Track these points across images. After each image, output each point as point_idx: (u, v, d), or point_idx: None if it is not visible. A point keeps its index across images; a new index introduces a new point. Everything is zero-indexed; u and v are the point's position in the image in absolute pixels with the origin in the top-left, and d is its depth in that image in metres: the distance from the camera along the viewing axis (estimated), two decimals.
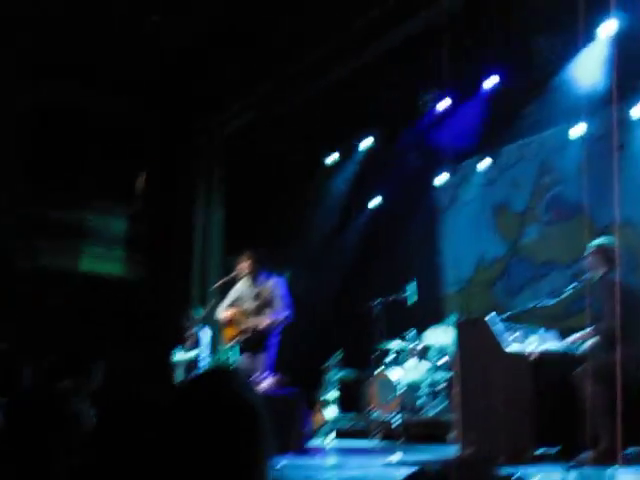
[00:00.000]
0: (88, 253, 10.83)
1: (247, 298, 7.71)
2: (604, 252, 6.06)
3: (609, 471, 2.95)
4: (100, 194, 10.97)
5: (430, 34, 8.53)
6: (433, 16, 8.49)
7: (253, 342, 7.52)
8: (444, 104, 10.13)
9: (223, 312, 7.79)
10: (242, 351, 7.62)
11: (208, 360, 9.29)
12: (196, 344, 9.26)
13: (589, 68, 8.99)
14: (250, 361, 7.49)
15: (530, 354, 5.80)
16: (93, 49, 9.59)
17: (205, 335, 9.39)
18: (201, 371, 7.55)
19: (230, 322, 7.70)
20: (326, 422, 9.29)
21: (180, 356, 9.07)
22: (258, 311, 7.57)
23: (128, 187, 11.49)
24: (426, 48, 8.92)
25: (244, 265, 7.79)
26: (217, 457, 1.56)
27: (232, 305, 7.77)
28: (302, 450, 7.06)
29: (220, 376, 1.76)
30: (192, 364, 9.01)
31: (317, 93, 10.03)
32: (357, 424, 9.77)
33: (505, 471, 1.13)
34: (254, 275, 7.74)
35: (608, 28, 8.29)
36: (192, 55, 9.84)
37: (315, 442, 8.85)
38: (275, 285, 7.67)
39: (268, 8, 8.84)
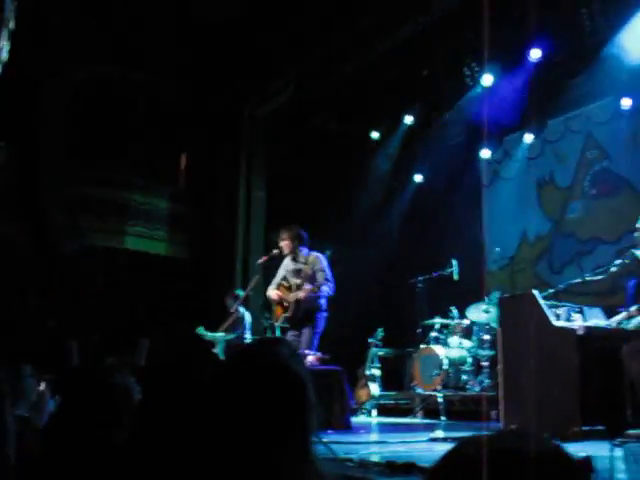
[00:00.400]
0: (132, 232, 10.96)
1: (290, 275, 7.73)
2: None
3: None
4: (144, 174, 11.08)
5: (472, 7, 8.38)
6: None
7: (297, 317, 7.53)
8: (488, 78, 9.98)
9: (272, 291, 7.81)
10: (289, 327, 7.65)
11: (250, 339, 9.35)
12: (239, 323, 9.32)
13: (636, 39, 8.79)
14: (296, 337, 7.51)
15: (578, 328, 5.72)
16: (140, 31, 9.66)
17: (248, 315, 9.44)
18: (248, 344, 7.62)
19: (278, 300, 7.74)
20: (369, 398, 9.33)
21: (217, 335, 9.12)
22: (300, 287, 7.57)
23: (171, 167, 11.59)
24: (470, 20, 8.79)
25: (285, 243, 7.81)
26: (264, 427, 1.56)
27: (280, 284, 7.80)
28: (345, 426, 7.08)
29: (268, 347, 1.76)
30: (234, 343, 9.06)
31: (359, 69, 9.95)
32: (400, 401, 9.78)
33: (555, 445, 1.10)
34: (294, 252, 7.76)
35: None
36: (232, 35, 9.84)
37: (358, 418, 8.90)
38: (315, 260, 7.66)
39: None
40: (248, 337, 9.39)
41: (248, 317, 9.43)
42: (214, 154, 11.42)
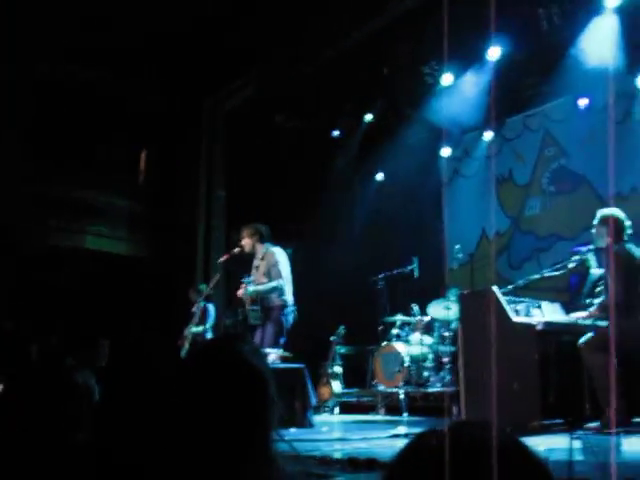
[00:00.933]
0: (93, 232, 10.83)
1: (254, 271, 7.74)
2: (610, 222, 6.01)
3: (614, 438, 2.96)
4: (104, 173, 10.95)
5: (431, 7, 8.43)
6: None
7: (257, 314, 7.51)
8: (448, 76, 10.05)
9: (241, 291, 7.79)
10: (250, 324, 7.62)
11: (213, 334, 9.33)
12: (204, 319, 9.30)
13: (595, 39, 8.92)
14: (258, 334, 7.49)
15: (537, 323, 5.79)
16: (99, 29, 9.53)
17: (212, 310, 9.43)
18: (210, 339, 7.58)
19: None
20: (331, 396, 9.35)
21: (188, 330, 9.09)
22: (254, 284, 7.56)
23: (131, 166, 11.48)
24: (429, 19, 8.84)
25: (245, 242, 7.80)
26: (225, 423, 1.55)
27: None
28: (307, 424, 7.08)
29: (229, 343, 1.75)
30: (199, 338, 9.04)
31: (320, 67, 9.95)
32: (362, 398, 9.81)
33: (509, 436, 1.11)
34: (253, 249, 7.76)
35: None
36: (193, 30, 9.76)
37: (320, 416, 8.90)
38: (270, 255, 7.64)
39: None
40: (210, 332, 9.37)
41: (212, 311, 9.43)
42: (175, 153, 11.34)
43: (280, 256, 7.65)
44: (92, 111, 10.54)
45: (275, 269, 7.52)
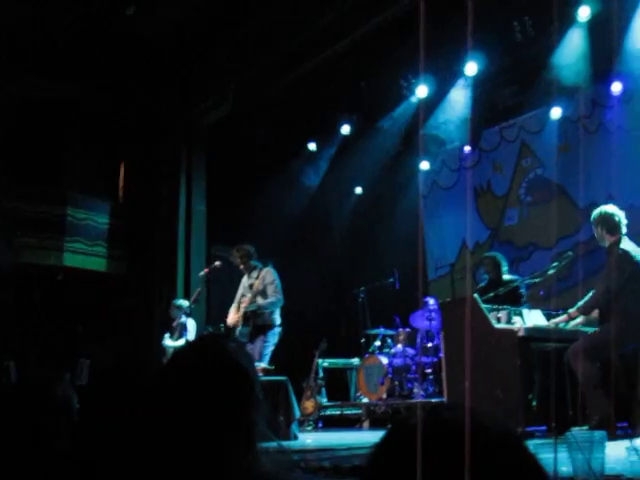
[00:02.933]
0: (71, 249, 10.73)
1: (247, 291, 7.90)
2: (602, 221, 5.92)
3: (598, 438, 2.97)
4: (82, 189, 10.89)
5: (407, 20, 8.50)
6: (409, 2, 8.46)
7: (245, 332, 7.62)
8: (424, 89, 10.12)
9: (230, 317, 7.97)
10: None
11: None
12: (183, 333, 9.24)
13: (568, 50, 9.04)
14: (250, 349, 7.55)
15: (518, 330, 5.81)
16: (72, 42, 9.50)
17: (191, 325, 9.37)
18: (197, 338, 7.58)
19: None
20: (315, 410, 9.31)
21: (168, 343, 9.04)
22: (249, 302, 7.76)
23: (110, 182, 11.42)
24: (406, 33, 8.92)
25: (238, 262, 8.02)
26: (209, 421, 1.54)
27: (239, 302, 7.94)
28: (291, 437, 7.05)
29: (215, 340, 1.74)
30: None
31: (296, 80, 9.98)
32: (346, 411, 9.77)
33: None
34: (246, 269, 7.97)
35: (585, 11, 8.35)
36: (170, 47, 9.78)
37: (304, 430, 8.86)
38: (265, 274, 7.90)
39: None
40: None
41: (191, 326, 9.38)
42: (154, 168, 11.30)
43: (275, 275, 7.95)
44: (71, 127, 10.50)
45: (272, 286, 7.84)
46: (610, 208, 6.01)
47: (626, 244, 5.80)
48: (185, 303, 9.06)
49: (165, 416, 1.56)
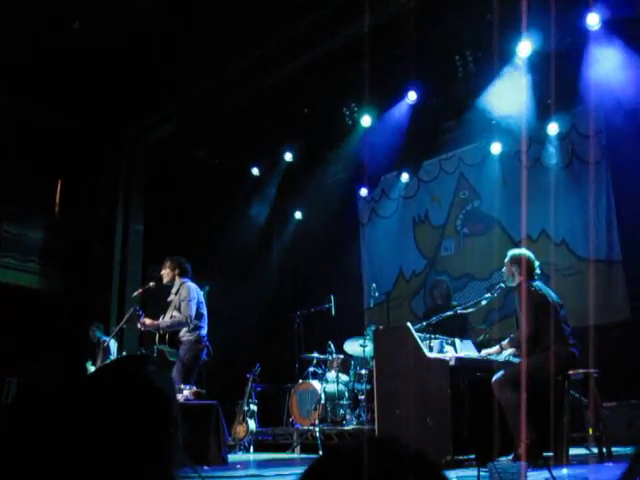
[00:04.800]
0: (2, 264, 10.46)
1: (171, 307, 7.64)
2: (521, 262, 6.22)
3: (517, 468, 3.01)
4: (17, 203, 10.64)
5: (352, 50, 8.63)
6: (354, 32, 8.59)
7: (171, 351, 7.41)
8: (367, 118, 10.25)
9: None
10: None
11: None
12: (107, 356, 9.08)
13: (508, 87, 9.28)
14: (174, 369, 7.37)
15: (450, 359, 5.88)
16: (12, 55, 9.34)
17: (113, 344, 9.21)
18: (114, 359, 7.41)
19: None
20: (246, 434, 9.22)
21: (91, 367, 8.87)
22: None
23: (45, 197, 11.19)
24: (348, 63, 9.05)
25: (165, 272, 7.72)
26: (119, 441, 1.51)
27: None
28: (221, 462, 6.95)
29: (130, 361, 1.72)
30: None
31: (240, 105, 10.01)
32: (278, 436, 9.70)
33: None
34: (170, 282, 7.69)
35: (524, 48, 8.58)
36: (113, 63, 9.68)
37: (235, 455, 8.76)
38: (183, 290, 7.51)
39: (190, 18, 8.80)
40: None
41: (113, 346, 9.21)
42: (92, 185, 11.14)
43: (193, 292, 7.51)
44: (9, 140, 10.27)
45: (184, 303, 7.38)
46: (529, 253, 6.32)
47: (535, 282, 6.06)
48: (101, 325, 8.91)
49: (76, 438, 1.53)
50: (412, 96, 9.70)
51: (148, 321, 7.45)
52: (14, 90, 9.94)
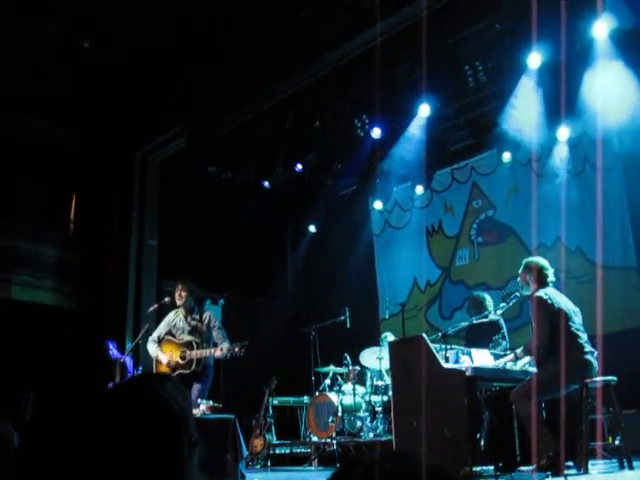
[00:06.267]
0: (18, 281, 10.52)
1: (182, 331, 7.68)
2: (534, 270, 6.20)
3: (536, 477, 2.99)
4: (32, 220, 10.70)
5: (362, 61, 8.65)
6: (364, 44, 8.61)
7: (191, 374, 7.48)
8: (378, 130, 10.26)
9: (157, 351, 7.71)
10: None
11: None
12: (125, 372, 9.08)
13: (518, 96, 9.27)
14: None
15: (466, 369, 5.86)
16: (23, 73, 9.43)
17: (130, 362, 9.21)
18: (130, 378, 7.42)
19: (166, 362, 7.64)
20: (264, 448, 9.21)
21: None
22: (197, 345, 7.52)
23: (61, 214, 11.25)
24: (359, 75, 9.07)
25: (179, 294, 7.77)
26: (135, 457, 1.52)
27: (166, 340, 7.72)
28: (238, 476, 6.95)
29: (145, 380, 1.73)
30: None
31: (251, 119, 10.04)
32: (295, 449, 9.69)
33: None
34: (187, 307, 7.75)
35: (535, 59, 8.56)
36: (125, 81, 9.76)
37: (252, 469, 8.76)
38: (210, 317, 7.71)
39: (199, 34, 8.85)
40: None
41: (129, 363, 9.21)
42: (106, 201, 11.19)
43: (217, 319, 7.79)
44: (21, 157, 10.34)
45: (221, 332, 7.61)
46: (543, 261, 6.31)
47: (548, 290, 6.03)
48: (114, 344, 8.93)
49: (92, 458, 1.54)
50: (424, 109, 9.68)
51: (218, 352, 7.47)
52: (29, 109, 10.03)
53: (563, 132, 9.76)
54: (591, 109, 9.08)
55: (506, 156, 10.41)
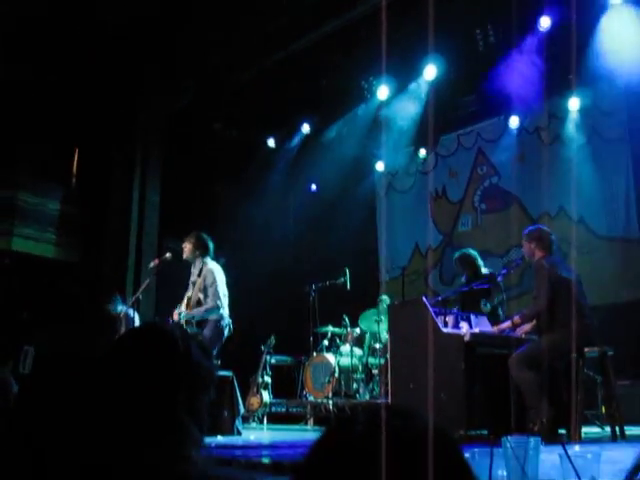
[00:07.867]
0: (20, 234, 10.51)
1: (189, 286, 7.65)
2: (538, 238, 6.17)
3: (532, 444, 3.00)
4: (34, 174, 10.66)
5: (370, 22, 8.52)
6: (372, 4, 8.47)
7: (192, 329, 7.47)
8: (384, 91, 10.17)
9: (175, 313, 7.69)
10: None
11: None
12: (129, 325, 9.09)
13: (526, 63, 9.16)
14: None
15: (465, 334, 5.87)
16: (28, 23, 9.30)
17: (131, 314, 9.22)
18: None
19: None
20: (260, 406, 9.28)
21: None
22: (198, 301, 7.47)
23: (63, 167, 11.20)
24: (367, 36, 8.94)
25: (186, 248, 7.66)
26: (147, 399, 1.52)
27: (187, 298, 7.67)
28: (234, 432, 7.02)
29: (157, 325, 1.73)
30: None
31: (257, 75, 9.94)
32: (291, 408, 9.77)
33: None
34: (193, 261, 7.66)
35: (545, 22, 8.44)
36: (130, 33, 9.63)
37: (249, 426, 8.84)
38: (207, 273, 7.49)
39: None
40: None
41: (134, 315, 9.24)
42: (108, 156, 11.13)
43: (218, 274, 7.49)
44: (25, 110, 10.26)
45: (212, 289, 7.38)
46: (547, 229, 6.32)
47: (552, 258, 6.01)
48: (119, 303, 8.86)
49: (98, 402, 1.54)
50: (431, 70, 9.59)
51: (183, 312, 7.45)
52: (30, 60, 9.91)
53: (573, 100, 9.67)
54: (602, 77, 8.96)
55: (513, 122, 10.32)
